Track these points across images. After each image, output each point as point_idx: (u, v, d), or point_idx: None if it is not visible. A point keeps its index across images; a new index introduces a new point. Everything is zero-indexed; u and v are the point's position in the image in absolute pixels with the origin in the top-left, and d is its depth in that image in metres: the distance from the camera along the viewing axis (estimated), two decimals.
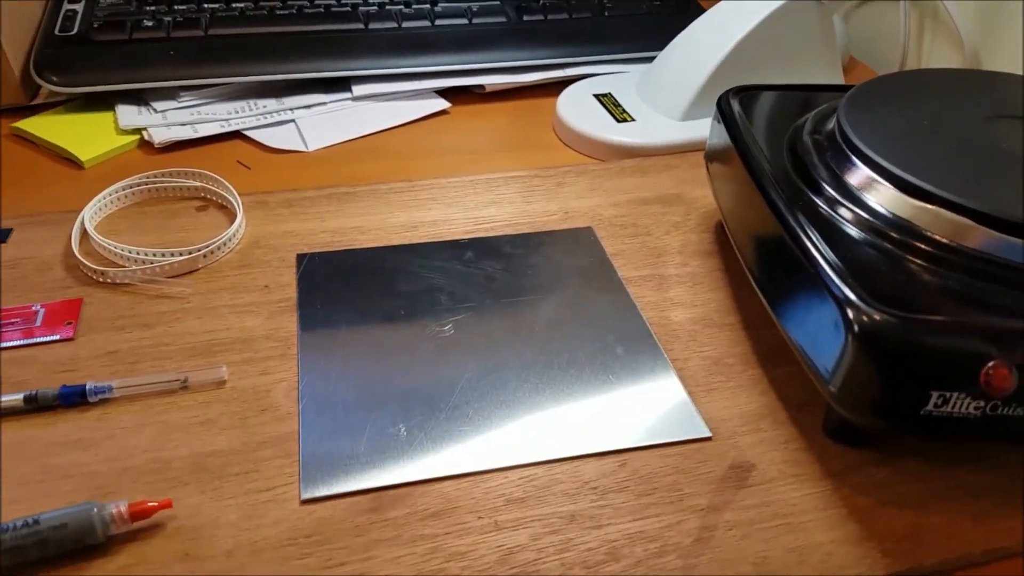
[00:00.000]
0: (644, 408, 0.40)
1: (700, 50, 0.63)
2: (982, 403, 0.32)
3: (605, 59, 0.71)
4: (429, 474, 0.36)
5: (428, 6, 0.72)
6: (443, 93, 0.68)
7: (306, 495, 0.35)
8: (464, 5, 0.72)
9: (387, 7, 0.71)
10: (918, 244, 0.36)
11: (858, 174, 0.40)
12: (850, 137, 0.41)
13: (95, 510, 0.31)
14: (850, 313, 0.33)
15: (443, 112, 0.66)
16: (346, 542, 0.33)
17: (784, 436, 0.39)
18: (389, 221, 0.52)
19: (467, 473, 0.36)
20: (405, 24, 0.69)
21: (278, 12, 0.68)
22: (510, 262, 0.49)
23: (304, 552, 0.32)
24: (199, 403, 0.39)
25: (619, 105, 0.65)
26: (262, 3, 0.69)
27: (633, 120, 0.63)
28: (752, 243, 0.43)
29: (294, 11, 0.68)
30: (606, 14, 0.75)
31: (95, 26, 0.64)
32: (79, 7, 0.66)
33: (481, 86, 0.68)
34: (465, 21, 0.71)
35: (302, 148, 0.59)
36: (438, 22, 0.70)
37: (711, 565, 0.33)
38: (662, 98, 0.65)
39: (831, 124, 0.43)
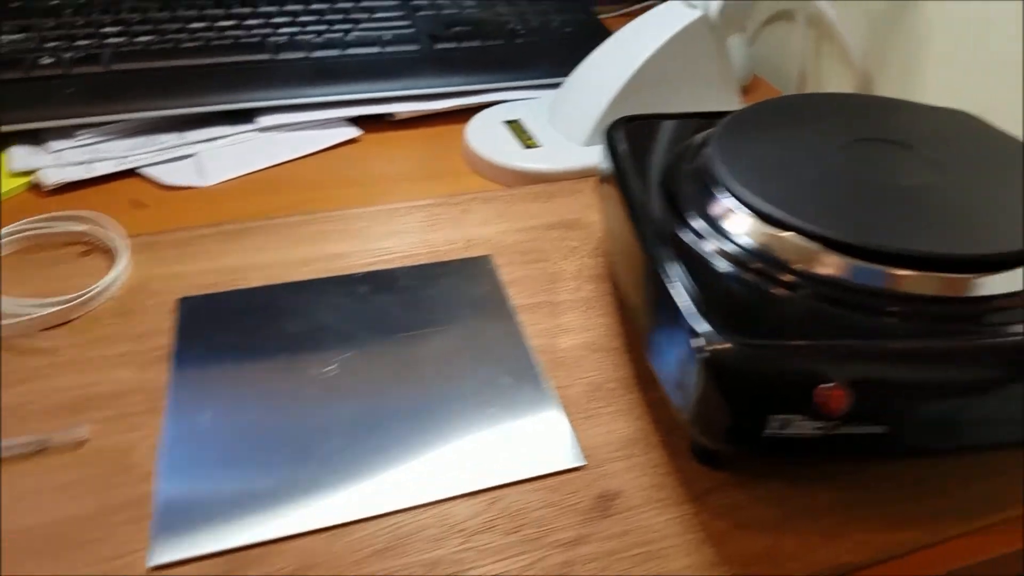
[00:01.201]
0: (522, 441, 0.40)
1: (602, 76, 0.64)
2: (821, 424, 0.33)
3: (516, 85, 0.72)
4: (289, 530, 0.35)
5: (341, 35, 0.72)
6: (355, 121, 0.68)
7: (153, 561, 0.34)
8: (376, 34, 0.73)
9: (298, 37, 0.71)
10: (775, 273, 0.37)
11: (720, 204, 0.41)
12: (714, 167, 0.42)
13: None
14: (696, 342, 0.34)
15: (354, 140, 0.66)
16: None
17: (654, 460, 0.40)
18: (284, 257, 0.52)
19: (330, 527, 0.36)
20: (316, 53, 0.70)
21: (184, 45, 0.68)
22: (405, 295, 0.49)
23: None
24: (58, 466, 0.37)
25: (527, 131, 0.66)
26: (168, 36, 0.69)
27: (540, 146, 0.64)
28: (623, 272, 0.44)
29: (201, 44, 0.68)
30: (518, 41, 0.75)
31: None
32: None
33: (391, 114, 0.69)
34: (377, 49, 0.72)
35: (199, 183, 0.59)
36: (350, 51, 0.71)
37: None
38: (567, 124, 0.65)
39: (702, 154, 0.44)
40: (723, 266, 0.38)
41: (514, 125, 0.67)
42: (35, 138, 0.61)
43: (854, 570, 0.35)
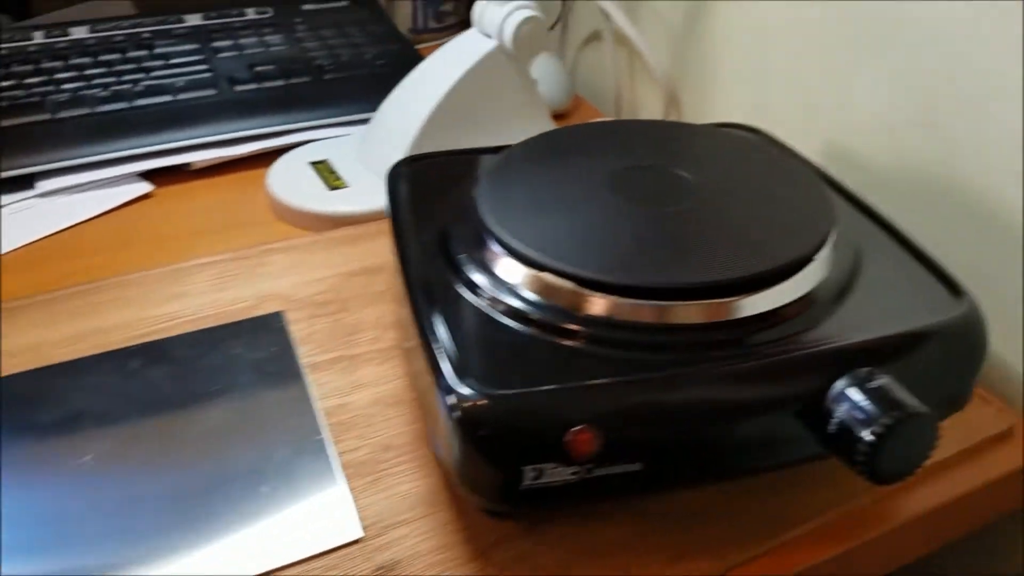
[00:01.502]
0: (299, 518, 0.38)
1: (406, 111, 0.63)
2: (576, 469, 0.31)
3: (323, 123, 0.70)
4: None
5: (130, 86, 0.68)
6: (147, 176, 0.64)
7: None
8: (169, 82, 0.69)
9: (82, 92, 0.67)
10: (542, 318, 0.36)
11: (488, 249, 0.39)
12: (479, 209, 0.40)
13: None
14: (450, 399, 0.32)
15: (146, 196, 0.63)
16: None
17: (442, 518, 0.38)
18: (52, 337, 0.48)
19: None
20: (101, 108, 0.66)
21: None
22: (181, 366, 0.46)
23: None
24: None
25: (334, 171, 0.64)
26: None
27: (347, 186, 0.62)
28: (401, 324, 0.41)
29: None
30: (326, 77, 0.73)
31: None
32: None
33: (188, 164, 0.65)
34: (169, 98, 0.68)
35: None
36: (138, 102, 0.67)
37: None
38: (376, 160, 0.63)
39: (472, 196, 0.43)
40: (491, 314, 0.36)
41: (320, 166, 0.64)
42: None
43: None
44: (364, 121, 0.69)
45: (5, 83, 0.67)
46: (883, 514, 0.40)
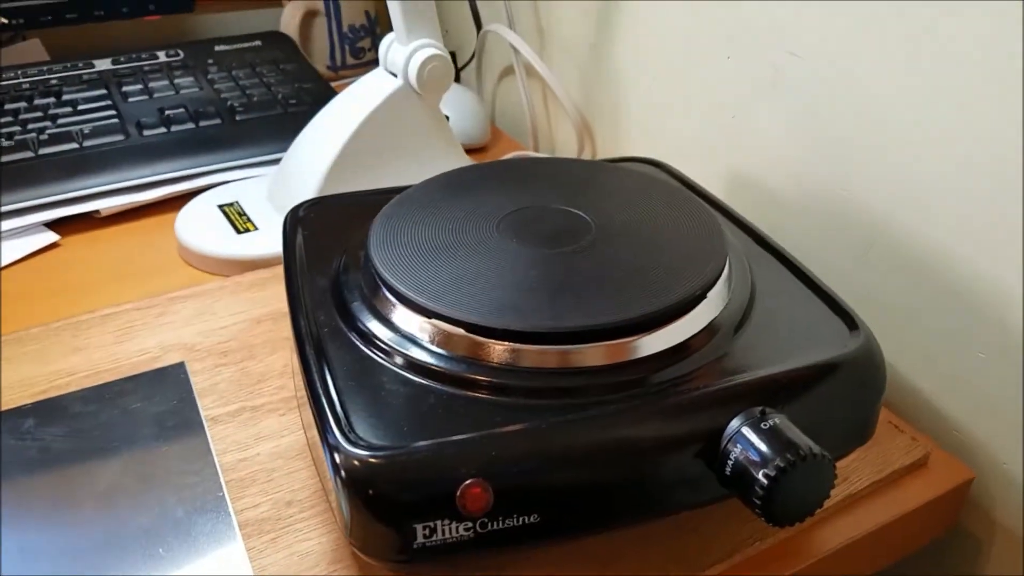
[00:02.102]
0: None
1: (314, 151, 0.62)
2: (469, 524, 0.31)
3: (234, 165, 0.69)
4: None
5: (34, 135, 0.67)
6: (54, 225, 0.63)
7: None
8: (76, 128, 0.68)
9: None
10: (434, 366, 0.35)
11: (380, 296, 0.39)
12: (370, 254, 0.40)
13: None
14: (337, 457, 0.31)
15: (53, 246, 0.61)
16: None
17: None
18: None
19: None
20: (5, 158, 0.64)
21: None
22: (78, 423, 0.44)
23: None
24: None
25: (244, 214, 0.63)
26: None
27: (256, 229, 0.61)
28: (297, 377, 0.41)
29: None
30: (238, 118, 0.72)
31: None
32: None
33: (96, 211, 0.64)
34: (75, 146, 0.67)
35: None
36: (43, 151, 0.66)
37: None
38: (286, 201, 0.62)
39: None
40: (384, 364, 0.36)
41: (229, 208, 0.63)
42: None
43: None
44: (276, 161, 0.68)
45: None
46: (800, 549, 0.40)
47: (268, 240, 0.60)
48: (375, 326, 0.37)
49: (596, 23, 0.68)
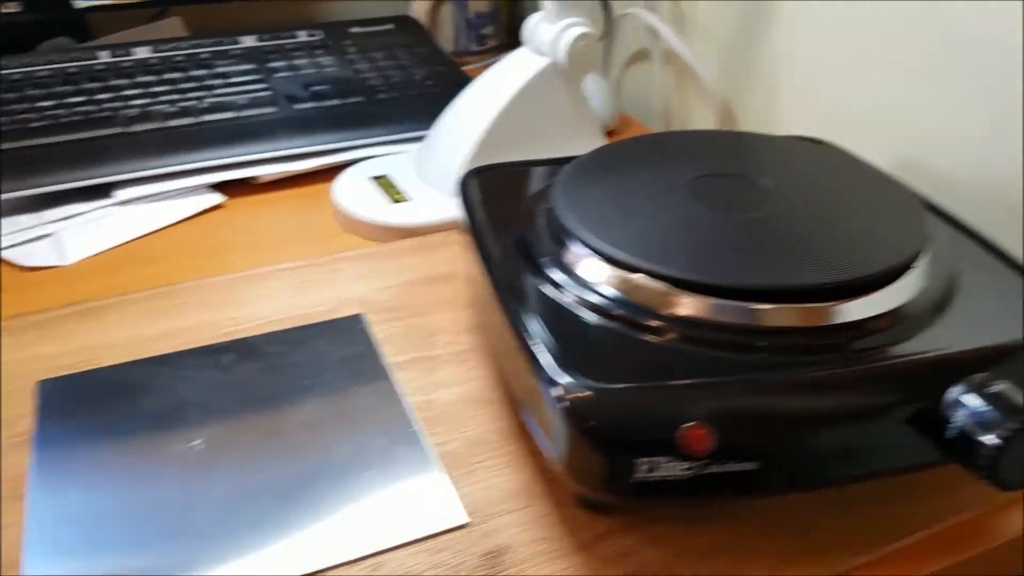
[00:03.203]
0: (402, 503, 0.40)
1: (461, 128, 0.65)
2: (689, 464, 0.33)
3: (379, 141, 0.72)
4: None
5: (195, 103, 0.71)
6: (217, 187, 0.67)
7: None
8: (233, 99, 0.72)
9: (150, 108, 0.69)
10: (630, 316, 0.37)
11: (571, 251, 0.41)
12: (560, 214, 0.42)
13: None
14: (556, 392, 0.34)
15: (217, 207, 0.65)
16: None
17: (539, 510, 0.40)
18: (144, 332, 0.50)
19: None
20: (171, 123, 0.68)
21: (32, 125, 0.65)
22: (272, 362, 0.48)
23: None
24: None
25: (394, 186, 0.66)
26: (17, 116, 0.66)
27: (408, 200, 0.64)
28: (487, 326, 0.44)
29: (50, 122, 0.66)
30: (380, 96, 0.76)
31: None
32: None
33: (255, 177, 0.68)
34: (234, 114, 0.71)
35: (59, 262, 0.57)
36: (205, 117, 0.70)
37: None
38: (434, 176, 0.66)
39: (550, 201, 0.45)
40: (581, 313, 0.38)
41: (382, 180, 0.67)
42: None
43: None
44: (417, 139, 0.72)
45: (77, 99, 0.69)
46: (997, 527, 0.40)
47: (421, 210, 0.63)
48: (568, 279, 0.40)
49: (745, 6, 0.69)
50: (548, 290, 0.40)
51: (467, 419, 0.45)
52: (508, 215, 0.47)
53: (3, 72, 0.73)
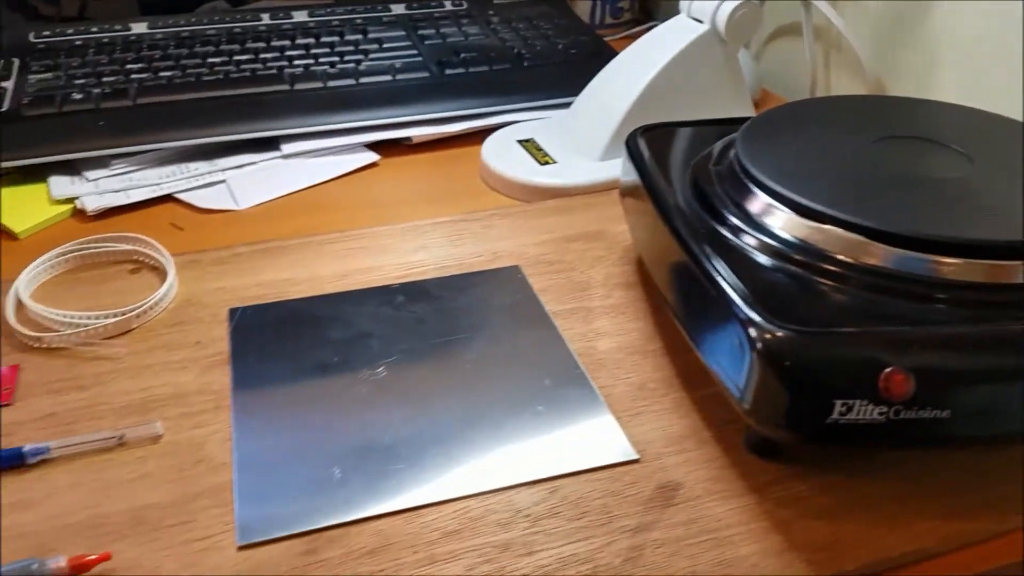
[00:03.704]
0: (573, 436, 0.41)
1: (613, 93, 0.66)
2: (885, 408, 0.34)
3: (526, 106, 0.74)
4: (363, 513, 0.37)
5: (353, 66, 0.74)
6: (373, 146, 0.70)
7: (242, 541, 0.36)
8: (388, 63, 0.75)
9: (313, 68, 0.73)
10: (817, 263, 0.39)
11: (756, 201, 0.42)
12: (747, 166, 0.43)
13: (35, 566, 0.32)
14: (752, 332, 0.35)
15: (373, 165, 0.68)
16: None
17: (708, 455, 0.41)
18: (320, 272, 0.53)
19: (401, 510, 0.37)
20: (331, 83, 0.72)
21: (205, 78, 0.69)
22: (440, 304, 0.50)
23: None
24: (135, 458, 0.40)
25: (541, 149, 0.68)
26: (189, 71, 0.70)
27: (555, 162, 0.66)
28: (665, 274, 0.45)
29: (221, 77, 0.70)
30: (525, 64, 0.78)
31: (25, 102, 0.65)
32: (8, 84, 0.68)
33: (408, 138, 0.70)
34: (389, 78, 0.73)
35: (234, 207, 0.61)
36: (363, 80, 0.73)
37: None
38: (581, 140, 0.67)
39: (731, 155, 0.46)
40: (766, 260, 0.39)
41: (528, 144, 0.69)
42: (72, 168, 0.63)
43: (926, 557, 0.36)
44: (561, 105, 0.73)
45: (243, 56, 0.73)
46: None
47: (568, 172, 0.65)
48: (753, 229, 0.41)
49: None
50: (731, 238, 0.41)
51: (628, 366, 0.46)
52: (678, 169, 0.48)
53: (174, 28, 0.77)
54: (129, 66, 0.71)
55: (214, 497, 0.38)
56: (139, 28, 0.78)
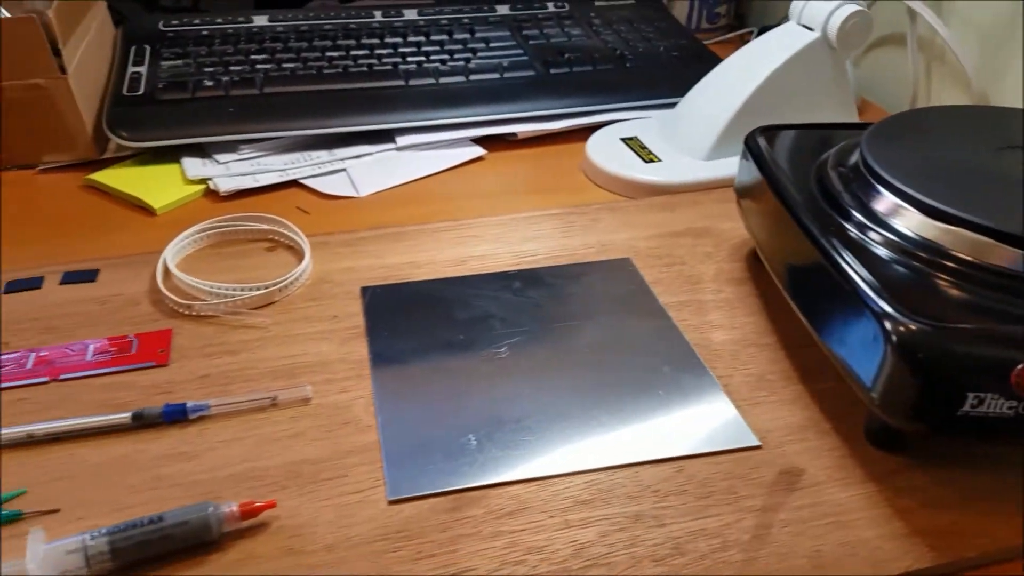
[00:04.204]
0: (694, 420, 0.43)
1: (721, 95, 0.68)
2: (1015, 403, 0.35)
3: (628, 106, 0.76)
4: (501, 478, 0.39)
5: (463, 63, 0.76)
6: (479, 141, 0.72)
7: (392, 496, 0.38)
8: (495, 61, 0.77)
9: (425, 65, 0.75)
10: (943, 262, 0.40)
11: (884, 201, 0.43)
12: (874, 168, 0.44)
13: (211, 509, 0.34)
14: (887, 325, 0.36)
15: (479, 159, 0.70)
16: (432, 537, 0.36)
17: (828, 444, 0.42)
18: (439, 257, 0.55)
19: (536, 478, 0.39)
20: (442, 80, 0.74)
21: (326, 72, 0.72)
22: (555, 291, 0.52)
23: (396, 546, 0.36)
24: (288, 418, 0.42)
25: (645, 147, 0.69)
26: (310, 63, 0.73)
27: (659, 160, 0.67)
28: (789, 268, 0.46)
29: (340, 71, 0.73)
30: (628, 65, 0.79)
31: (160, 86, 0.69)
32: (143, 70, 0.71)
33: (514, 134, 0.72)
34: (497, 76, 0.76)
35: (354, 194, 0.63)
36: (472, 77, 0.75)
37: (770, 559, 0.36)
38: (686, 139, 0.69)
39: (855, 157, 0.47)
40: (892, 257, 0.40)
41: (632, 142, 0.70)
42: (202, 151, 0.66)
43: None
44: (663, 106, 0.74)
45: (360, 52, 0.76)
46: None
47: (672, 170, 0.66)
48: (877, 227, 0.42)
49: None
50: (858, 235, 0.42)
51: (745, 358, 0.47)
52: (799, 169, 0.49)
53: (293, 22, 0.81)
54: (254, 56, 0.74)
55: (363, 455, 0.40)
56: (260, 21, 0.81)
